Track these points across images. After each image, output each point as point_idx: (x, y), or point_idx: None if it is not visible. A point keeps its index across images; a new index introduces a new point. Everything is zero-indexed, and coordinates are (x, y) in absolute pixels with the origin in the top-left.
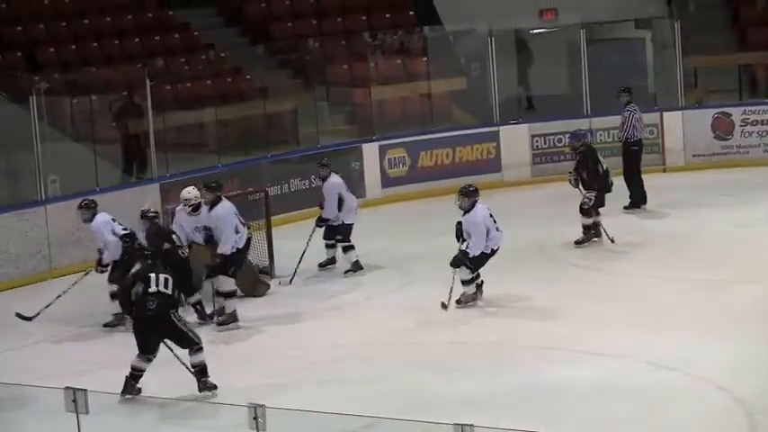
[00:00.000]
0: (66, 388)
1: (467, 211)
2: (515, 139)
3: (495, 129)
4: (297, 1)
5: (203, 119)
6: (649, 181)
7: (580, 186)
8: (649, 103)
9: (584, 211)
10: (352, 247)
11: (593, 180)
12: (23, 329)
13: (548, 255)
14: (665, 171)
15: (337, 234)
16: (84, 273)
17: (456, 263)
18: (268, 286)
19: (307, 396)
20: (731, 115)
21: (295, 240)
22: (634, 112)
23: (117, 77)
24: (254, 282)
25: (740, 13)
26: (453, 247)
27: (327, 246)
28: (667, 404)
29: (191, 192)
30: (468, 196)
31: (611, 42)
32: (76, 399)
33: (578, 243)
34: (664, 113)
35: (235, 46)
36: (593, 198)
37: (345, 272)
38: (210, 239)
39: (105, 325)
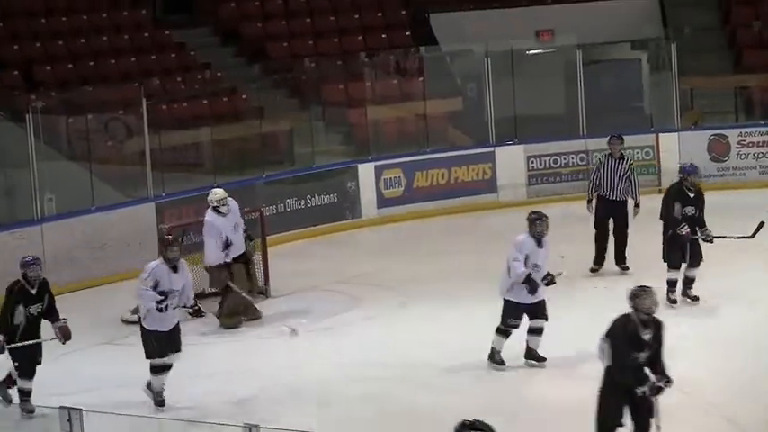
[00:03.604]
0: (61, 407)
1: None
2: (511, 160)
3: (490, 149)
4: (293, 21)
5: (199, 138)
6: (645, 203)
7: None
8: (645, 124)
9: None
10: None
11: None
12: None
13: None
14: (660, 192)
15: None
16: None
17: None
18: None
19: (301, 416)
20: (727, 137)
21: (290, 260)
22: None
23: (113, 97)
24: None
25: (736, 35)
26: (448, 267)
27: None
28: (662, 426)
29: (222, 190)
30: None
31: (608, 63)
32: (71, 418)
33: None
34: (660, 135)
35: (231, 66)
36: None
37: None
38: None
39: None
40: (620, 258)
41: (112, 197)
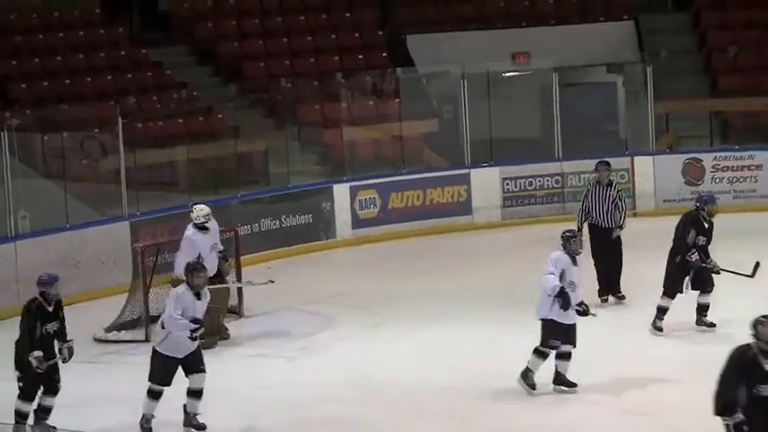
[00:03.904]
0: (34, 425)
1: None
2: (486, 182)
3: (466, 171)
4: (269, 41)
5: (174, 157)
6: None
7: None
8: (620, 147)
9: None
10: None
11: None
12: None
13: (518, 299)
14: (635, 216)
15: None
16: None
17: None
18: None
19: None
20: (702, 161)
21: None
22: None
23: (89, 115)
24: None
25: (712, 59)
26: (422, 288)
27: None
28: None
29: (206, 206)
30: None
31: (584, 86)
32: None
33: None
34: (635, 158)
35: (207, 85)
36: None
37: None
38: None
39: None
40: (615, 287)
41: (87, 215)
